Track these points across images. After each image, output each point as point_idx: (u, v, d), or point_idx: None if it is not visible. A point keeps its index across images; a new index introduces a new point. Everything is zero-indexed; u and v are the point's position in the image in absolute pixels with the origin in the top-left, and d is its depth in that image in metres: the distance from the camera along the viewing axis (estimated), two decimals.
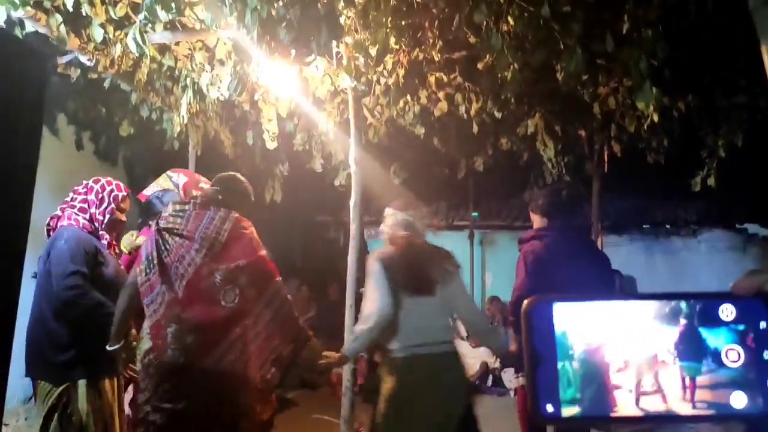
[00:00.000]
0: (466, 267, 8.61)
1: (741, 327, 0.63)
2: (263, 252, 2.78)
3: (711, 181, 5.19)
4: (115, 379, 3.08)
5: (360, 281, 4.56)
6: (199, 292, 2.62)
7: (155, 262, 2.69)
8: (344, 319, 4.23)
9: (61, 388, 2.86)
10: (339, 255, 6.22)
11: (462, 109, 5.20)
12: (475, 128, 5.49)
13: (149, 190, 3.55)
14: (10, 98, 1.11)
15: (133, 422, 2.97)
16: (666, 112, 4.62)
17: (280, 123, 5.27)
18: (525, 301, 0.66)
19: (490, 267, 9.40)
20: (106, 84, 4.85)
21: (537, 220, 4.00)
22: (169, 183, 3.45)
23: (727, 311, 0.63)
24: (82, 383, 2.88)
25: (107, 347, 2.86)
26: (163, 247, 2.70)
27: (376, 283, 3.04)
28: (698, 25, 4.12)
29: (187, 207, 2.82)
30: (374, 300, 3.00)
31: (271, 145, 5.29)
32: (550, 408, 0.62)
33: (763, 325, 0.62)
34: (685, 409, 0.62)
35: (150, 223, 3.34)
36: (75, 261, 2.92)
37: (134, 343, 2.87)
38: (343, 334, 4.22)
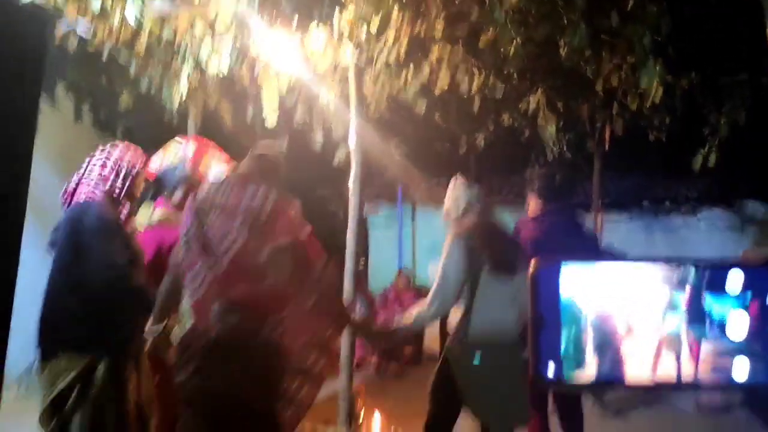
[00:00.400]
0: None
1: (748, 295, 0.63)
2: (309, 230, 2.71)
3: (712, 160, 5.16)
4: (141, 362, 2.91)
5: (359, 255, 4.58)
6: (245, 270, 2.54)
7: (195, 238, 2.60)
8: (343, 292, 4.26)
9: (82, 365, 2.70)
10: (339, 229, 6.24)
11: (464, 84, 5.16)
12: (477, 104, 5.46)
13: (158, 162, 3.42)
14: (9, 61, 1.10)
15: (161, 404, 2.87)
16: (669, 89, 4.58)
17: (281, 98, 5.24)
18: (533, 262, 0.66)
19: None
20: (105, 55, 4.81)
21: (534, 202, 4.00)
22: (175, 156, 3.36)
23: (736, 279, 0.63)
24: (105, 361, 2.72)
25: (148, 328, 2.78)
26: (202, 224, 2.61)
27: (452, 263, 3.01)
28: (702, 2, 4.07)
29: (227, 182, 2.74)
30: (444, 281, 2.99)
31: (271, 120, 5.26)
32: (551, 372, 0.63)
33: None
34: (687, 375, 0.63)
35: (165, 194, 3.29)
36: (112, 240, 2.76)
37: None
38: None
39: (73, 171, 7.43)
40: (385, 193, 9.72)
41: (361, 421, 4.40)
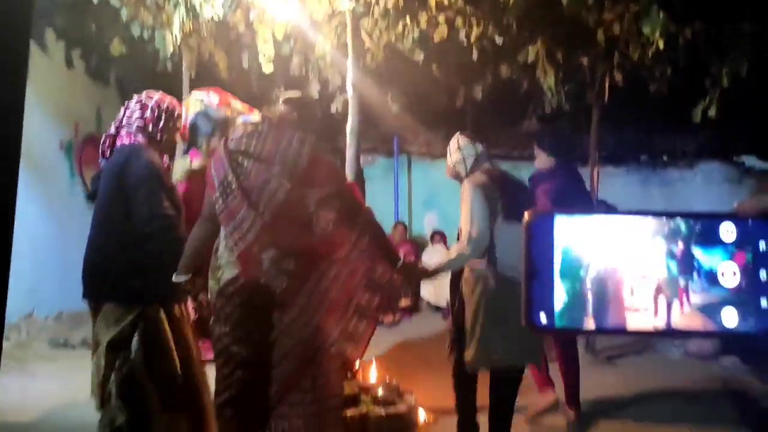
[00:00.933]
0: None
1: (740, 246, 0.63)
2: (348, 178, 2.76)
3: (712, 112, 5.12)
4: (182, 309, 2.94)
5: None
6: (292, 218, 2.53)
7: (234, 186, 2.54)
8: None
9: (135, 312, 2.69)
10: None
11: (462, 34, 5.07)
12: (475, 55, 5.37)
13: (183, 115, 3.30)
14: None
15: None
16: (671, 39, 4.50)
17: (276, 46, 5.14)
18: (526, 214, 0.67)
19: None
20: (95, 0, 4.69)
21: (544, 158, 4.19)
22: (201, 104, 3.27)
23: (729, 231, 0.63)
24: (157, 308, 2.72)
25: (174, 278, 2.73)
26: (239, 171, 2.57)
27: (478, 208, 3.09)
28: None
29: (260, 128, 2.68)
30: (476, 224, 3.07)
31: (267, 68, 5.18)
32: (543, 318, 0.63)
33: (763, 246, 0.63)
34: (677, 324, 0.63)
35: (199, 145, 3.23)
36: (163, 189, 2.70)
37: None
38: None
39: (66, 119, 7.36)
40: (381, 144, 9.66)
41: (357, 368, 4.48)
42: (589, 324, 0.65)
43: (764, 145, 7.82)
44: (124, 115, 2.89)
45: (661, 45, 3.93)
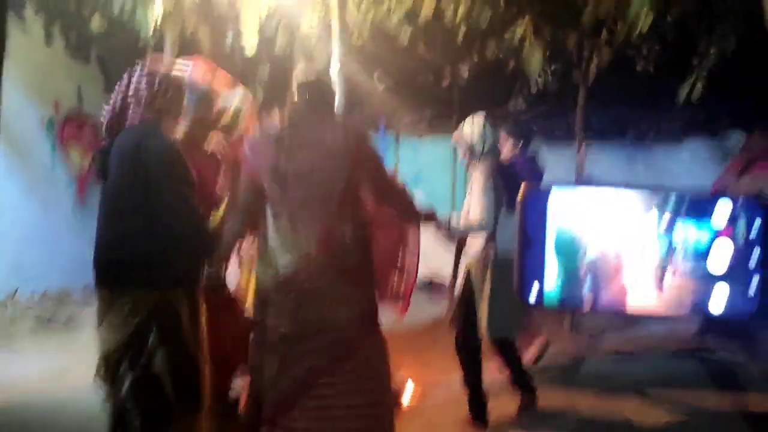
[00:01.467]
0: (449, 176, 8.63)
1: (734, 223, 0.63)
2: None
3: (698, 89, 5.14)
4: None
5: None
6: (353, 195, 2.65)
7: (288, 172, 2.60)
8: None
9: (155, 300, 2.54)
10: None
11: (449, 12, 5.03)
12: (461, 35, 5.34)
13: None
14: None
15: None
16: (659, 16, 4.50)
17: (261, 24, 5.07)
18: (522, 187, 0.66)
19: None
20: None
21: (510, 146, 4.32)
22: (185, 74, 3.05)
23: (724, 207, 0.63)
24: (180, 293, 2.57)
25: (209, 267, 2.72)
26: (289, 158, 2.61)
27: (488, 194, 3.31)
28: None
29: (296, 115, 2.74)
30: (486, 210, 3.29)
31: (250, 51, 5.11)
32: (534, 294, 0.63)
33: (756, 224, 0.63)
34: (664, 305, 0.63)
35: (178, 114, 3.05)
36: (183, 168, 2.57)
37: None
38: None
39: (46, 96, 7.23)
40: (368, 122, 9.62)
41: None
42: (580, 298, 0.65)
43: (749, 122, 7.87)
44: (128, 87, 2.67)
45: (648, 22, 3.93)
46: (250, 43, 5.04)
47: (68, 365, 4.54)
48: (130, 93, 2.64)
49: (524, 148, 4.33)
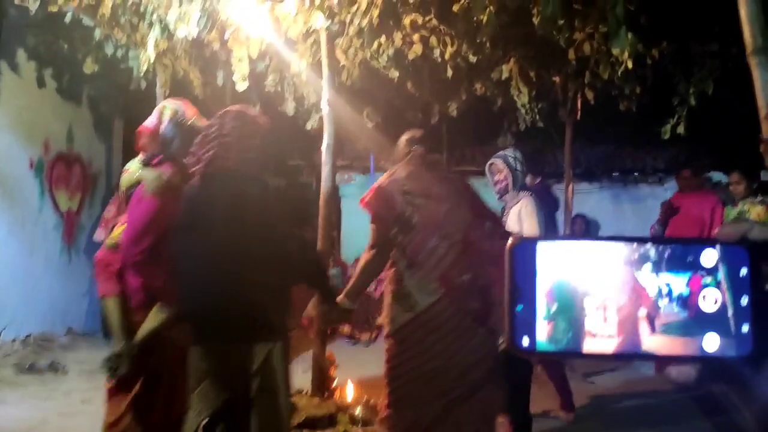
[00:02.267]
0: None
1: (721, 272, 0.64)
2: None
3: (680, 129, 5.25)
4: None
5: (332, 225, 4.57)
6: (473, 242, 2.89)
7: (414, 221, 2.88)
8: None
9: (263, 351, 2.47)
10: (311, 198, 6.20)
11: (437, 52, 5.13)
12: (450, 72, 5.43)
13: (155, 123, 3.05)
14: None
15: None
16: (640, 58, 4.61)
17: (251, 64, 5.14)
18: (510, 240, 0.68)
19: None
20: (68, 18, 4.65)
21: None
22: (176, 114, 3.05)
23: (710, 257, 0.64)
24: (279, 345, 2.50)
25: (345, 305, 2.96)
26: (414, 208, 2.91)
27: (540, 219, 3.58)
28: None
29: (416, 169, 3.05)
30: (541, 231, 3.55)
31: (241, 86, 5.17)
32: (526, 341, 0.64)
33: (743, 271, 0.64)
34: (658, 348, 0.64)
35: (169, 156, 2.94)
36: (296, 211, 2.71)
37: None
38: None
39: (36, 138, 7.23)
40: (357, 161, 9.68)
41: (334, 387, 4.44)
42: (569, 346, 0.66)
43: (729, 161, 8.01)
44: (222, 133, 2.61)
45: (629, 64, 4.03)
46: (240, 83, 5.09)
47: (47, 415, 4.44)
48: (226, 139, 2.56)
49: (543, 180, 4.79)
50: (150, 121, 2.99)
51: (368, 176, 9.64)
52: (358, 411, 3.96)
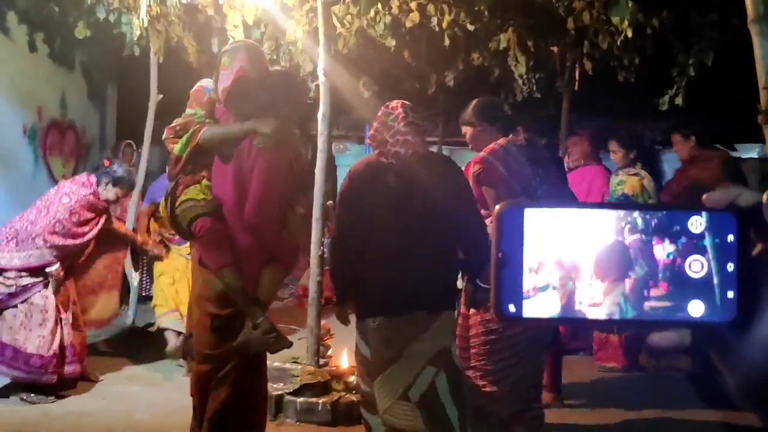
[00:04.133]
0: None
1: (708, 239, 0.64)
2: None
3: (679, 101, 5.22)
4: None
5: (327, 195, 4.56)
6: None
7: (539, 192, 2.97)
8: (311, 232, 4.26)
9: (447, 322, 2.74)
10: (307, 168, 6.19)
11: (434, 20, 5.07)
12: (447, 42, 5.37)
13: None
14: None
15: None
16: (640, 28, 4.56)
17: (246, 31, 5.07)
18: (497, 206, 0.67)
19: None
20: None
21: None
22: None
23: (697, 223, 0.64)
24: (447, 315, 2.74)
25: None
26: (540, 177, 3.06)
27: None
28: None
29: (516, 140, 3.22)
30: None
31: None
32: (512, 308, 0.64)
33: (730, 238, 0.64)
34: (642, 314, 0.65)
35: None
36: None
37: None
38: (310, 248, 4.25)
39: (29, 104, 7.13)
40: (353, 131, 9.63)
41: (329, 355, 4.49)
42: (554, 312, 0.66)
43: (728, 134, 7.99)
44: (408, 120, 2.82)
45: (629, 33, 3.99)
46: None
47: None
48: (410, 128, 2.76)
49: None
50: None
51: (364, 147, 9.61)
52: (352, 378, 4.01)
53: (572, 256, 0.64)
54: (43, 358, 4.06)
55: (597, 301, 0.64)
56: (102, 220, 4.43)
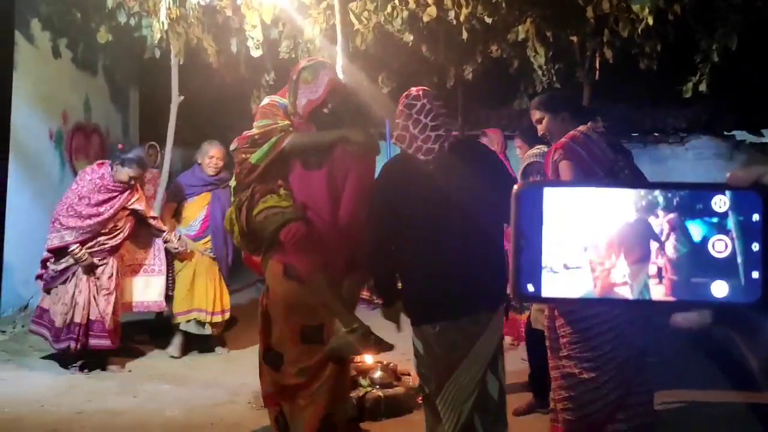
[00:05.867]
0: None
1: (732, 218, 0.63)
2: None
3: (703, 87, 5.13)
4: None
5: None
6: None
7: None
8: None
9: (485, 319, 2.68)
10: None
11: (451, 14, 5.05)
12: (465, 35, 5.35)
13: None
14: None
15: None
16: (661, 14, 4.49)
17: (265, 30, 5.11)
18: (515, 186, 0.67)
19: None
20: None
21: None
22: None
23: (720, 202, 0.63)
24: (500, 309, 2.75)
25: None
26: (622, 164, 3.08)
27: None
28: None
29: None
30: None
31: (255, 52, 5.15)
32: (530, 287, 0.64)
33: (756, 217, 0.62)
34: (664, 294, 0.64)
35: None
36: None
37: None
38: None
39: (55, 109, 7.24)
40: (372, 127, 9.61)
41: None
42: (573, 292, 0.65)
43: (754, 119, 7.85)
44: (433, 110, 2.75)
45: (650, 20, 3.93)
46: (254, 50, 5.07)
47: (75, 380, 4.59)
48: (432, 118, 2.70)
49: None
50: None
51: (383, 143, 9.59)
52: (377, 373, 4.02)
53: (593, 235, 0.64)
54: (66, 326, 4.57)
55: (618, 282, 0.64)
56: (120, 200, 4.69)
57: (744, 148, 8.69)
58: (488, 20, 5.14)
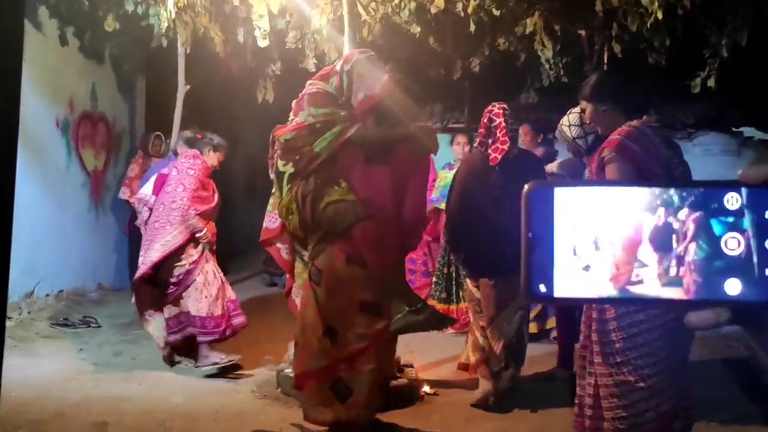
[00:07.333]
0: None
1: (745, 216, 0.63)
2: None
3: (711, 83, 5.09)
4: None
5: None
6: None
7: (677, 173, 2.78)
8: None
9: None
10: None
11: (459, 6, 5.02)
12: (473, 27, 5.32)
13: None
14: None
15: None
16: (670, 8, 4.46)
17: (272, 20, 5.09)
18: (526, 186, 0.67)
19: None
20: None
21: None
22: None
23: (732, 200, 0.63)
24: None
25: None
26: (677, 161, 2.95)
27: None
28: None
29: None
30: None
31: (262, 42, 5.14)
32: (542, 288, 0.64)
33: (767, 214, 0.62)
34: (677, 293, 0.64)
35: None
36: None
37: None
38: None
39: (61, 97, 7.27)
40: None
41: None
42: (586, 292, 0.65)
43: (763, 116, 7.79)
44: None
45: (659, 15, 3.90)
46: (261, 40, 5.05)
47: (81, 366, 4.63)
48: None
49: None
50: None
51: None
52: (404, 364, 4.07)
53: (605, 235, 0.63)
54: (216, 317, 4.57)
55: (632, 281, 0.64)
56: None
57: (752, 145, 8.63)
58: (496, 12, 5.11)
